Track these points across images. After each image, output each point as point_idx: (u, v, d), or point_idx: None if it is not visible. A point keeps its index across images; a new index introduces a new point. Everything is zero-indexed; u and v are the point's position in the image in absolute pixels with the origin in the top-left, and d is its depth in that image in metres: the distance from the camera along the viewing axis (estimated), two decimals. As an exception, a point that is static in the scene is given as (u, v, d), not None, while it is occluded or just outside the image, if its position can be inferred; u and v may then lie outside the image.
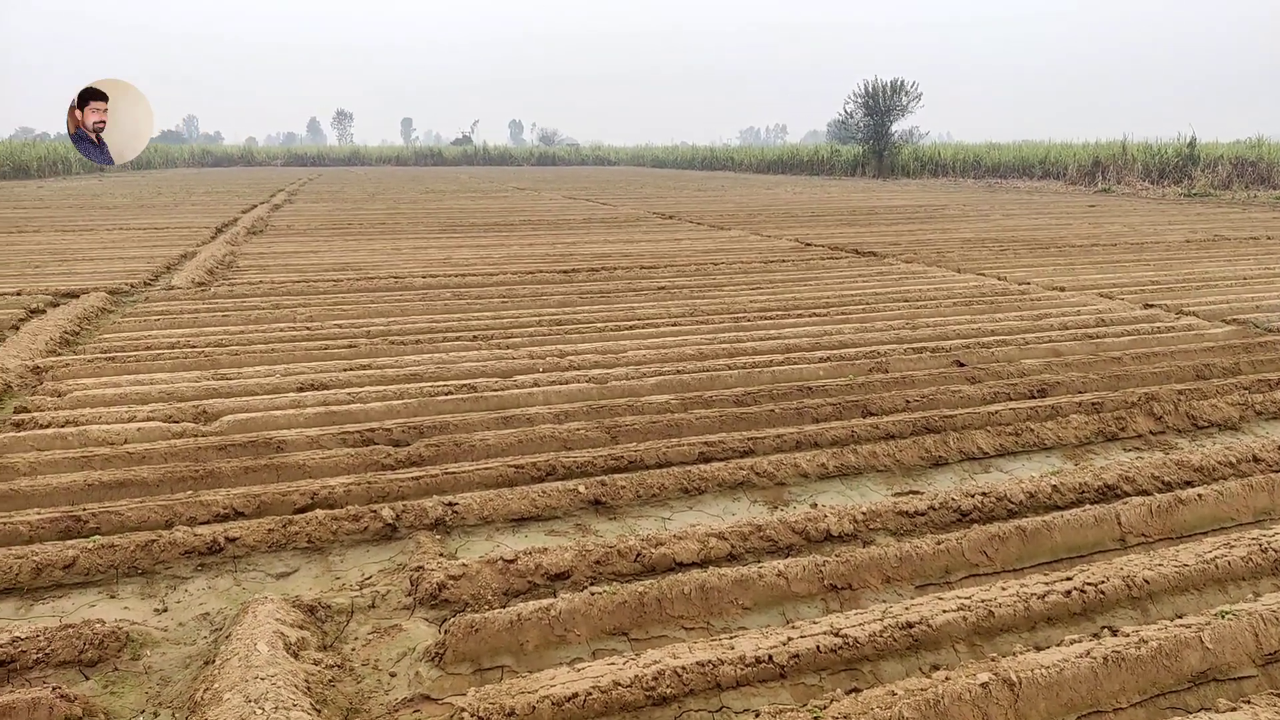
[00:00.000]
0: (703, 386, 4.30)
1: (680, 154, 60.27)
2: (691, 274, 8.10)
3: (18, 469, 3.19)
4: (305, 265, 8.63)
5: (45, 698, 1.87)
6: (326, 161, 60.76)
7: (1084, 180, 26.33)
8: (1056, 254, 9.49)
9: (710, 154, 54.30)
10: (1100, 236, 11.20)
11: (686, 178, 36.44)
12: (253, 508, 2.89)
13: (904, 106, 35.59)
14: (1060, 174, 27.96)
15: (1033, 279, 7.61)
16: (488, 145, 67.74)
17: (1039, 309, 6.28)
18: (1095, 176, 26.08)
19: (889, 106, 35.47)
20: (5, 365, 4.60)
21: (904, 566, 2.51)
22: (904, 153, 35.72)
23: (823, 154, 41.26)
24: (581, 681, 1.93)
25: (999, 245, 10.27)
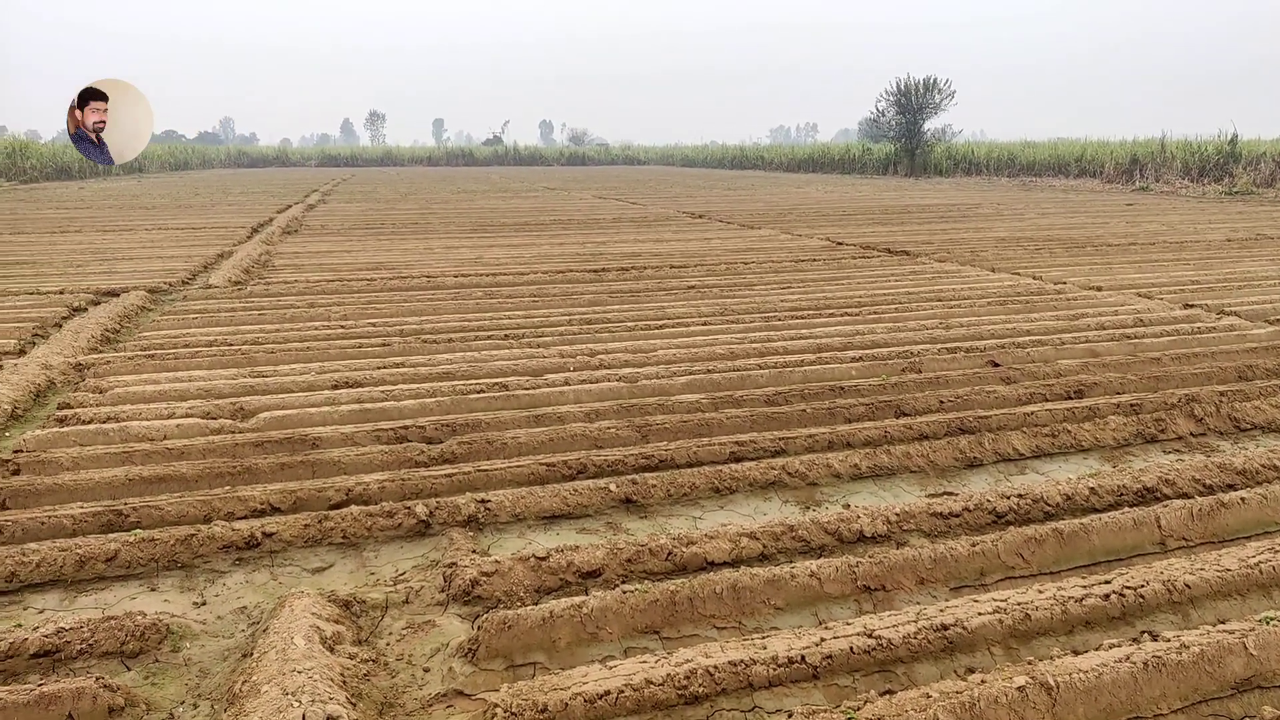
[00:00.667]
0: (733, 386, 4.29)
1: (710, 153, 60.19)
2: (722, 273, 8.08)
3: (61, 464, 3.25)
4: (339, 265, 8.72)
5: (89, 687, 1.91)
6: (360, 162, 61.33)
7: (1121, 178, 25.97)
8: (1093, 253, 9.36)
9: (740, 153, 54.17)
10: (1138, 235, 11.04)
11: (716, 177, 36.37)
12: (289, 504, 2.93)
13: (937, 104, 35.29)
14: (1097, 172, 27.60)
15: (1069, 278, 7.52)
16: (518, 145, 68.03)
17: (1075, 309, 6.21)
18: (1133, 174, 25.72)
19: (921, 104, 35.18)
20: (49, 363, 4.69)
21: (938, 568, 2.49)
22: (936, 151, 35.42)
23: (854, 152, 41.02)
24: (614, 679, 1.93)
25: (1034, 244, 10.16)
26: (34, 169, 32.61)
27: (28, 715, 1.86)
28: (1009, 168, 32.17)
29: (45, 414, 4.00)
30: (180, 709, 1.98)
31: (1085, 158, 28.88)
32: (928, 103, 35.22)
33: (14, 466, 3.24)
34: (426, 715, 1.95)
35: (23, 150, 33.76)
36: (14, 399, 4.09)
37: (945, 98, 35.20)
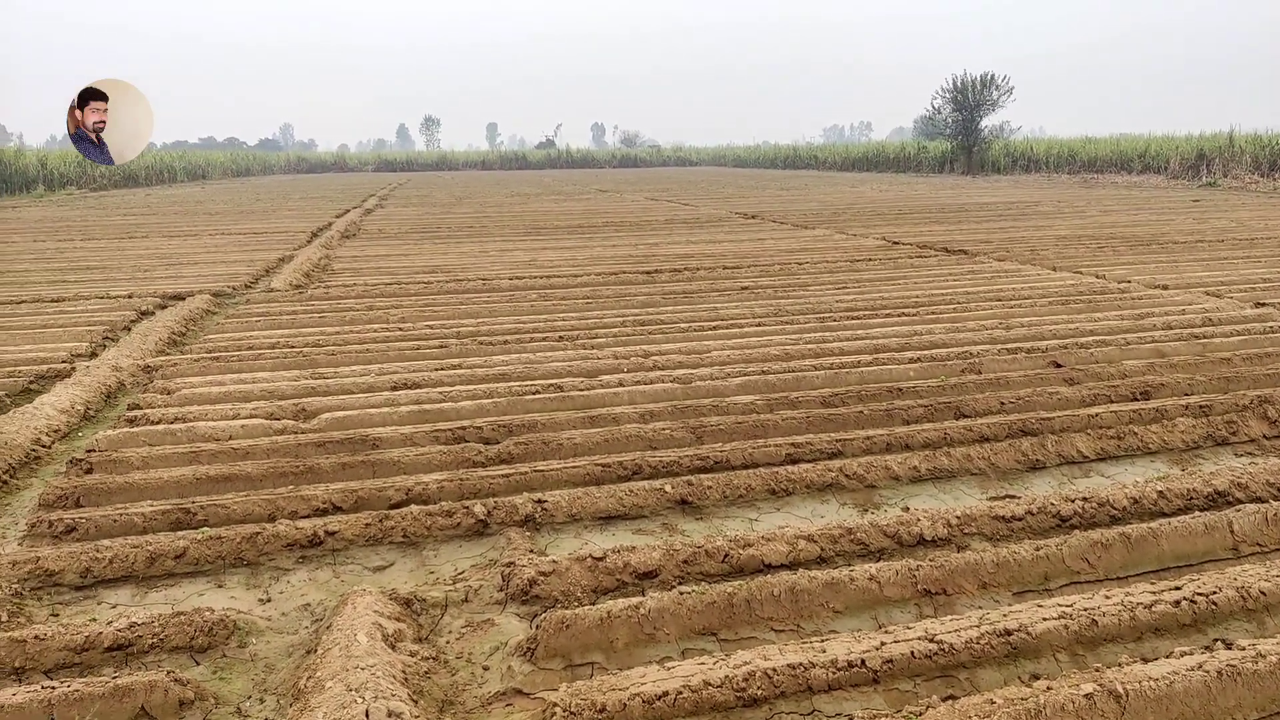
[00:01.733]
0: (789, 387, 4.27)
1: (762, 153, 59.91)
2: (775, 274, 8.04)
3: (132, 463, 3.34)
4: (397, 268, 8.85)
5: (161, 681, 1.96)
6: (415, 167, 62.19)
7: (1187, 174, 25.28)
8: (1158, 251, 9.13)
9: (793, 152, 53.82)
10: (1205, 232, 10.73)
11: (769, 177, 36.18)
12: (350, 503, 2.98)
13: (994, 101, 34.70)
14: (1161, 168, 26.90)
15: (1133, 277, 7.34)
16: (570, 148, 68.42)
17: (1140, 308, 6.05)
18: (1199, 170, 25.01)
19: (978, 101, 34.63)
20: (119, 364, 4.84)
21: (1001, 572, 2.45)
22: (994, 148, 34.83)
23: (909, 150, 40.52)
24: (672, 680, 1.93)
25: (1096, 242, 9.93)
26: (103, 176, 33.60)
27: (104, 707, 1.92)
28: (1069, 164, 31.49)
29: (116, 414, 4.12)
30: (247, 703, 2.02)
31: (1149, 153, 28.17)
32: (985, 99, 34.65)
33: (87, 465, 3.34)
34: (486, 714, 1.96)
35: (93, 159, 34.74)
36: (86, 400, 4.22)
37: (1003, 94, 34.60)
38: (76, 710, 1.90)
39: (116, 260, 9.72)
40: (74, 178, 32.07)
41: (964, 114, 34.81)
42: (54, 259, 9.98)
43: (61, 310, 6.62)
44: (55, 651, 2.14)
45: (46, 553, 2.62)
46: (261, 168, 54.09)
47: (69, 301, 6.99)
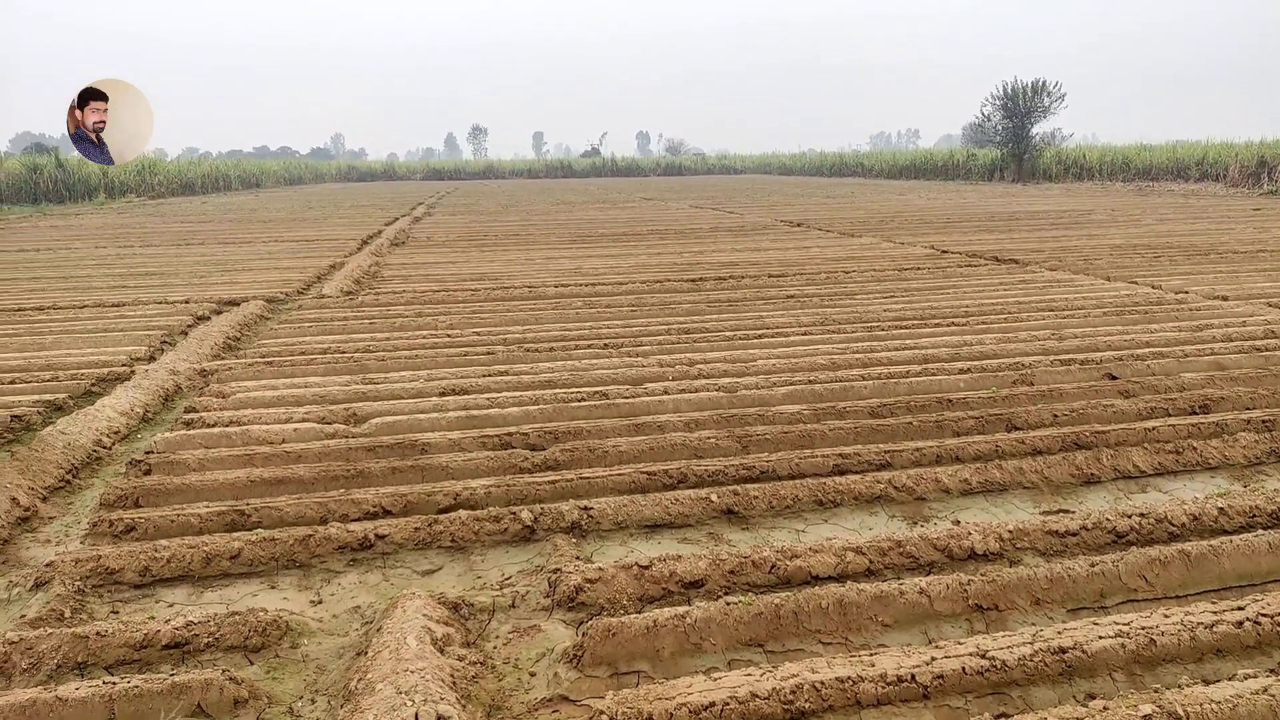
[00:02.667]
0: (836, 397, 4.23)
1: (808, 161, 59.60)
2: (821, 282, 7.99)
3: (188, 465, 3.41)
4: (445, 275, 8.94)
5: (216, 679, 2.00)
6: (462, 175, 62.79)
7: (1247, 181, 24.65)
8: (1217, 260, 8.91)
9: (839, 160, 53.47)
10: (1267, 242, 10.46)
11: (814, 184, 35.99)
12: (400, 507, 3.01)
13: (1045, 108, 34.15)
14: (1219, 175, 26.27)
15: (1191, 287, 7.17)
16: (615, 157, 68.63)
17: (1199, 319, 5.92)
18: (1260, 177, 24.37)
19: (1029, 108, 34.10)
20: (176, 368, 4.95)
21: (1055, 588, 2.40)
22: (1045, 156, 34.27)
23: (958, 158, 40.04)
24: (718, 691, 1.93)
25: (1152, 251, 9.73)
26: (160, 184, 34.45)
27: (161, 703, 1.96)
28: (1123, 172, 30.90)
29: (173, 417, 4.21)
30: (299, 703, 2.05)
31: (1207, 160, 27.52)
32: (1036, 106, 34.11)
33: (145, 467, 3.43)
34: (532, 719, 1.97)
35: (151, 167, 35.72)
36: (145, 403, 4.32)
37: (1055, 101, 34.05)
38: (136, 706, 1.94)
39: (174, 266, 9.95)
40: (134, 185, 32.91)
41: (1014, 121, 34.30)
42: (114, 265, 10.25)
43: (122, 315, 6.79)
44: (116, 648, 2.19)
45: (107, 551, 2.69)
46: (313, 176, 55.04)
47: (129, 306, 7.17)
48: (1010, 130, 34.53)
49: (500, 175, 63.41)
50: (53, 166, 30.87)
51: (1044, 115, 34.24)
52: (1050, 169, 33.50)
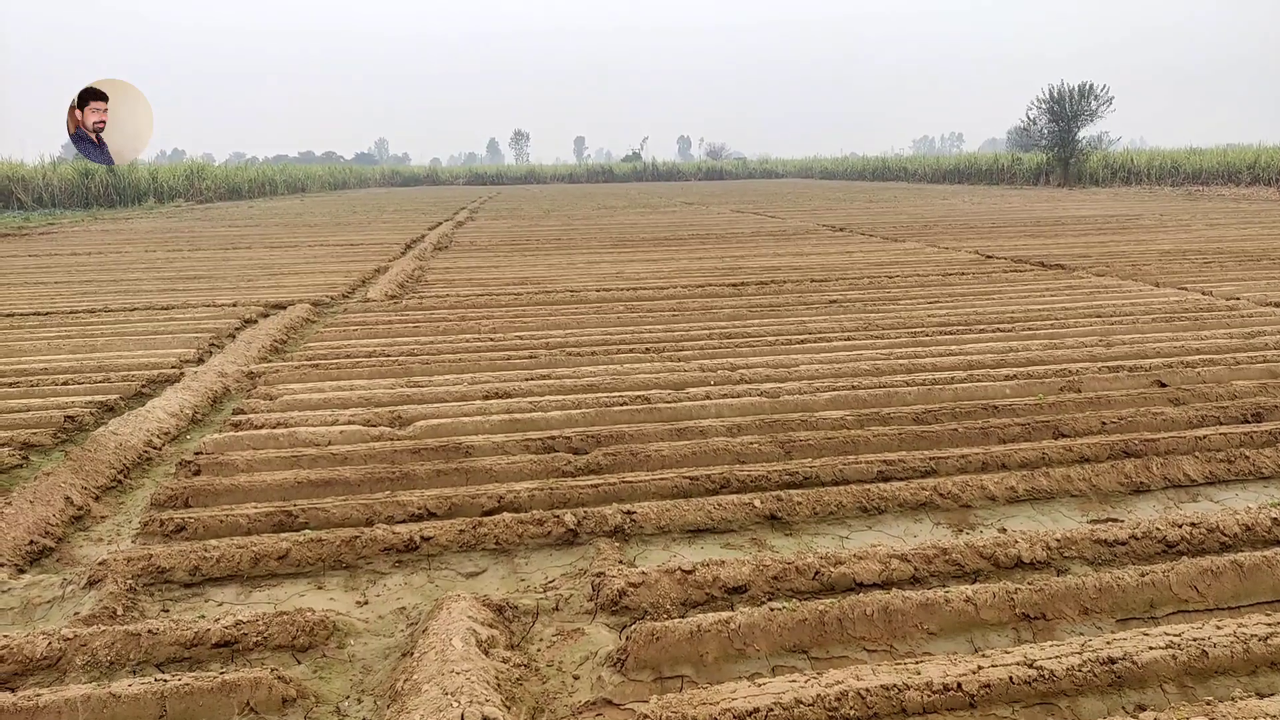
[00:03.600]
0: (880, 403, 4.20)
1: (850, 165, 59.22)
2: (865, 287, 7.93)
3: (237, 466, 3.48)
4: (487, 279, 9.01)
5: (265, 678, 2.03)
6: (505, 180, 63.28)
7: (1302, 186, 24.06)
8: (1270, 266, 8.71)
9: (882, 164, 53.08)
10: (1323, 247, 10.20)
11: (856, 189, 35.75)
12: (444, 509, 3.04)
13: (1092, 112, 33.62)
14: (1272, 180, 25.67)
15: (1243, 294, 7.01)
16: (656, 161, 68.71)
17: (1251, 326, 5.78)
18: (1315, 181, 23.78)
19: (1076, 112, 33.59)
20: (224, 370, 5.04)
21: (1104, 598, 2.36)
22: (1092, 160, 33.74)
23: (1003, 162, 39.57)
24: (763, 697, 1.92)
25: (1202, 257, 9.53)
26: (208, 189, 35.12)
27: (211, 701, 1.99)
28: (1172, 176, 30.34)
29: (221, 419, 4.29)
30: (346, 703, 2.08)
31: (1260, 164, 26.93)
32: (1083, 110, 33.60)
33: (195, 467, 3.49)
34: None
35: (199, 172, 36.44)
36: (194, 404, 4.41)
37: (1102, 104, 33.51)
38: (187, 704, 1.98)
39: (222, 270, 10.14)
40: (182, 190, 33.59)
41: (1060, 125, 33.82)
42: (164, 268, 10.46)
43: (171, 317, 6.93)
44: (167, 646, 2.24)
45: (158, 550, 2.74)
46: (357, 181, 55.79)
47: (178, 309, 7.31)
48: (1056, 134, 34.05)
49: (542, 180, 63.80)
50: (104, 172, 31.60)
51: (1091, 119, 33.72)
52: (1097, 173, 32.99)
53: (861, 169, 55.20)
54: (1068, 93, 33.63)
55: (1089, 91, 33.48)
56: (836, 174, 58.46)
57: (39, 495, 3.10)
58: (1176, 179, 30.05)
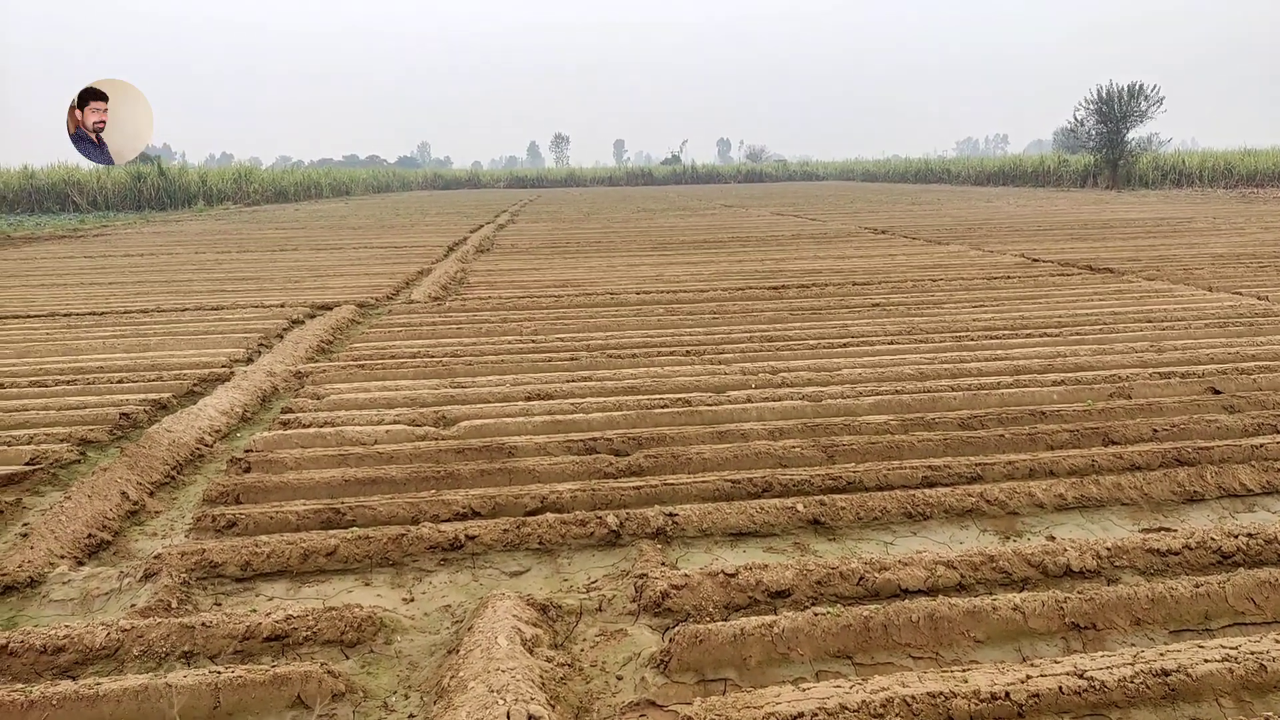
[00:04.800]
0: (924, 408, 4.16)
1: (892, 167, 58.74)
2: (908, 290, 7.86)
3: (286, 463, 3.53)
4: (529, 282, 9.07)
5: (315, 672, 2.07)
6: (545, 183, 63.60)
7: (1361, 188, 23.41)
8: (1329, 271, 8.49)
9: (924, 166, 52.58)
10: (1384, 251, 9.92)
11: (899, 191, 35.44)
12: (488, 508, 3.07)
13: (1142, 113, 33.02)
14: (1331, 182, 25.01)
15: (1301, 299, 6.85)
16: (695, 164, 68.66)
17: (1310, 332, 5.64)
18: (1375, 184, 23.13)
19: (1125, 113, 33.02)
20: (273, 370, 5.12)
21: (1156, 609, 2.32)
22: (1142, 161, 33.13)
23: (1049, 164, 39.02)
24: (807, 702, 1.91)
25: (1257, 261, 9.32)
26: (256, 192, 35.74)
27: (263, 693, 2.03)
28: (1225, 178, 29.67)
29: (270, 417, 4.36)
30: (393, 699, 2.11)
31: (1317, 166, 26.24)
32: (1132, 111, 33.01)
33: (245, 465, 3.56)
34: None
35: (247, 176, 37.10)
36: (244, 403, 4.49)
37: (1152, 105, 32.89)
38: (240, 695, 2.02)
39: (269, 271, 10.31)
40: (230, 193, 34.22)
41: (1109, 126, 33.26)
42: (213, 269, 10.67)
43: (221, 318, 7.06)
44: (220, 639, 2.28)
45: (210, 545, 2.80)
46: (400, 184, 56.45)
47: (227, 310, 7.45)
48: (1105, 135, 33.50)
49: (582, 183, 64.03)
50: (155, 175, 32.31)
51: (1141, 120, 33.12)
52: (1147, 175, 32.41)
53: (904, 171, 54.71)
54: (1116, 93, 33.07)
55: (1139, 92, 32.89)
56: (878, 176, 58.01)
57: (96, 490, 3.18)
58: (1230, 181, 29.40)
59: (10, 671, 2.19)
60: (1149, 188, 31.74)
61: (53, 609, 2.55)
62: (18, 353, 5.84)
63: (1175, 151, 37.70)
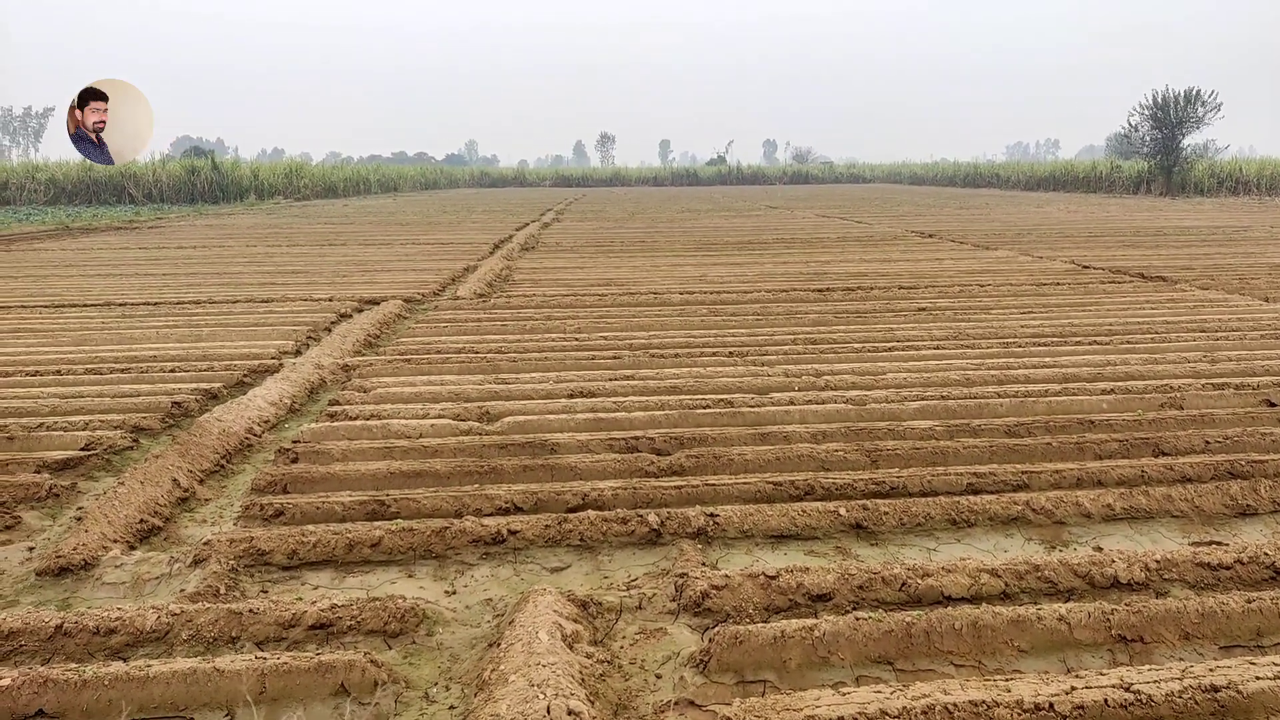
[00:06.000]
0: (970, 414, 4.11)
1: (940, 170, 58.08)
2: (954, 295, 7.77)
3: (332, 455, 3.59)
4: (572, 280, 9.11)
5: (359, 661, 2.10)
6: (590, 182, 63.80)
7: None
8: (1394, 283, 8.24)
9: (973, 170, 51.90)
10: None
11: (947, 195, 35.03)
12: (530, 504, 3.09)
13: (1199, 119, 32.32)
14: (1397, 191, 24.27)
15: (1363, 311, 6.66)
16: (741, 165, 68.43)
17: (1372, 345, 5.48)
18: None
19: (1181, 119, 32.33)
20: (321, 363, 5.20)
21: (1206, 623, 2.27)
22: (1197, 168, 32.42)
23: (1101, 170, 38.32)
24: (847, 706, 1.90)
25: (1318, 272, 9.07)
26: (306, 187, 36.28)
27: (308, 680, 2.07)
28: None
29: (318, 409, 4.43)
30: (434, 690, 2.13)
31: (1383, 175, 25.48)
32: (1188, 117, 32.32)
33: (293, 455, 3.62)
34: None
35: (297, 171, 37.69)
36: (292, 395, 4.57)
37: (1209, 111, 32.17)
38: (285, 681, 2.06)
39: (318, 265, 10.46)
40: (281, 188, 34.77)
41: (1164, 132, 32.59)
42: (264, 263, 10.85)
43: (270, 310, 7.18)
44: (266, 625, 2.32)
45: (258, 533, 2.85)
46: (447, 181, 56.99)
47: (277, 303, 7.58)
48: (1159, 141, 32.83)
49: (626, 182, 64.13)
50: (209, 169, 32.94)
51: (1197, 126, 32.42)
52: (1202, 182, 31.70)
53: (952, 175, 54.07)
54: (1172, 98, 32.40)
55: (1195, 97, 32.20)
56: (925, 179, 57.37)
57: (149, 476, 3.26)
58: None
59: (65, 651, 2.25)
60: (1204, 195, 31.04)
61: (105, 592, 2.61)
62: (75, 340, 5.99)
63: (1232, 159, 36.84)
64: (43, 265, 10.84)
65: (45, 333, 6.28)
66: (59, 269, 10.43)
